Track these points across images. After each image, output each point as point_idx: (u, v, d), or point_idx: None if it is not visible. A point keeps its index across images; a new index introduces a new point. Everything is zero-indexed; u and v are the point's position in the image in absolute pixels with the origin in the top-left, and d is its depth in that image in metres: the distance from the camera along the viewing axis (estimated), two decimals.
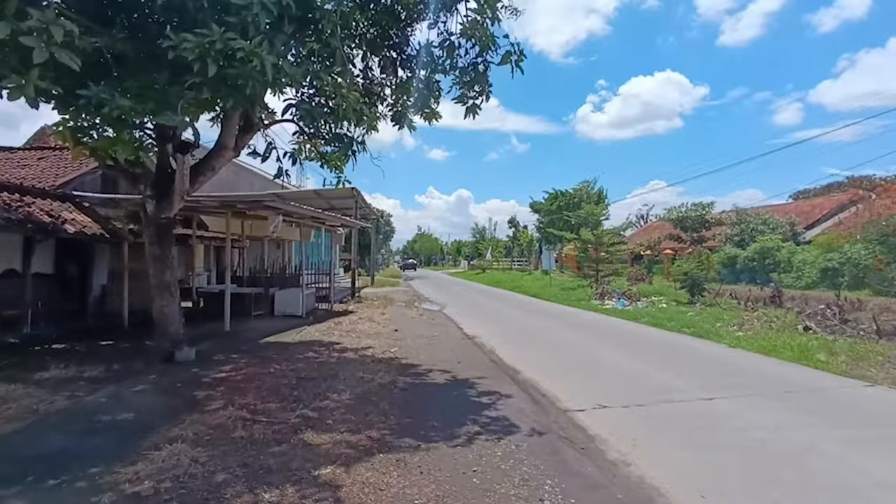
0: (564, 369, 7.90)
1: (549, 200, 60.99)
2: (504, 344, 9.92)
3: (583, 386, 6.73)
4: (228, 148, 7.57)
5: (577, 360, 8.57)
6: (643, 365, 7.97)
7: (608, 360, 8.52)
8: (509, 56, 6.38)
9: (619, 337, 10.87)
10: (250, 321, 12.14)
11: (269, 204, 9.88)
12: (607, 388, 6.61)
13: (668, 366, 7.81)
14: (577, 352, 9.33)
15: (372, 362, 7.74)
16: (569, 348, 9.71)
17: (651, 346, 9.78)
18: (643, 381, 6.91)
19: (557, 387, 6.58)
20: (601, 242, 22.70)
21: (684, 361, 8.21)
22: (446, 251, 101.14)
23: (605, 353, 9.06)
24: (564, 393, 6.30)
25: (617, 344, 9.96)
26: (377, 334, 10.76)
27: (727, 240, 33.21)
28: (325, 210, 13.51)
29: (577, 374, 7.53)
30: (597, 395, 6.14)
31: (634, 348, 9.47)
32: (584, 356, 8.93)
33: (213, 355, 7.99)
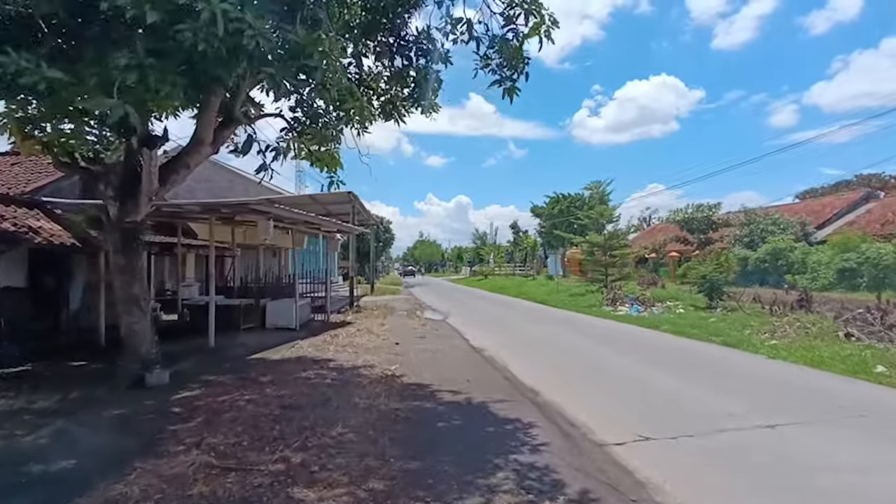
0: (588, 388, 6.96)
1: (550, 204, 60.16)
2: (516, 357, 8.99)
3: (614, 410, 5.80)
4: (205, 143, 6.68)
5: (600, 377, 7.62)
6: (677, 381, 7.03)
7: (636, 375, 7.58)
8: (538, 27, 5.48)
9: (642, 348, 9.93)
10: (239, 335, 11.20)
11: (256, 207, 8.99)
12: (643, 412, 5.67)
13: (705, 382, 6.88)
14: (597, 366, 8.39)
15: (370, 383, 6.81)
16: (588, 362, 8.77)
17: (680, 358, 8.84)
18: (683, 403, 5.98)
19: (586, 412, 5.64)
20: (610, 246, 21.78)
21: (723, 376, 7.28)
22: (447, 257, 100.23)
23: (631, 368, 8.11)
24: (595, 419, 5.36)
25: (641, 356, 9.02)
26: (376, 349, 9.83)
27: (736, 241, 32.32)
28: (321, 216, 12.62)
29: (604, 394, 6.59)
30: (634, 423, 5.21)
31: (662, 361, 8.54)
32: (607, 371, 7.99)
33: (191, 377, 7.05)
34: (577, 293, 21.56)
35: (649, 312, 15.07)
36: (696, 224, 35.59)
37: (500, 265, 49.66)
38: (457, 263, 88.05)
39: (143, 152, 5.95)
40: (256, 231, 21.32)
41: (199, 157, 6.87)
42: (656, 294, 17.49)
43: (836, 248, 24.16)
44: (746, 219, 33.21)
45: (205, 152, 6.84)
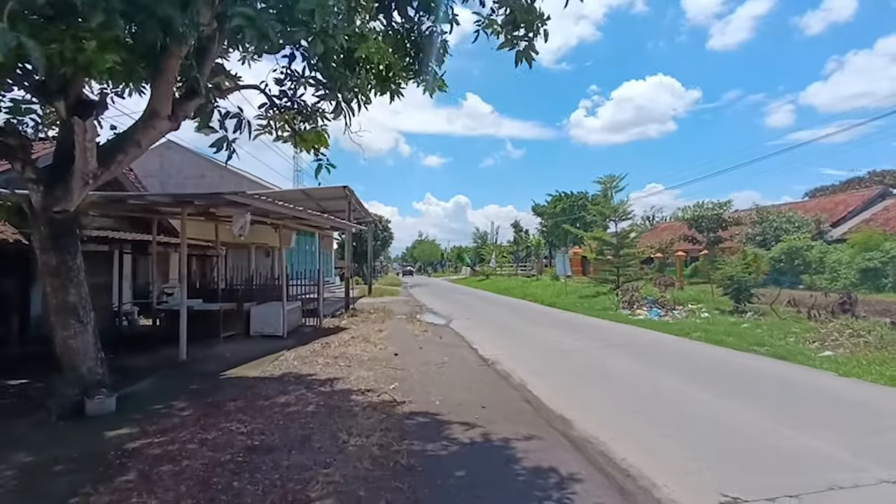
0: (629, 416, 5.69)
1: (552, 203, 58.96)
2: (534, 373, 7.72)
3: (675, 451, 4.52)
4: (161, 116, 5.39)
5: (640, 399, 6.35)
6: (741, 409, 5.76)
7: (686, 399, 6.31)
8: None
9: (678, 360, 8.66)
10: (217, 345, 9.92)
11: (234, 199, 7.69)
12: (717, 456, 4.39)
13: (778, 410, 5.60)
14: (631, 383, 7.11)
15: (363, 410, 5.53)
16: (618, 378, 7.49)
17: (730, 374, 7.57)
18: (764, 442, 4.70)
19: (639, 453, 4.38)
20: (623, 244, 20.51)
21: (795, 402, 6.00)
22: (446, 257, 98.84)
23: (675, 387, 6.84)
24: (656, 467, 4.10)
25: (681, 371, 7.75)
26: (373, 361, 8.56)
27: (748, 240, 31.16)
28: (314, 212, 11.32)
29: (653, 424, 5.31)
30: (709, 473, 3.95)
31: (708, 378, 7.27)
32: (645, 392, 6.71)
33: (144, 403, 5.77)
34: (586, 295, 20.29)
35: (671, 316, 13.82)
36: (705, 222, 34.45)
37: (502, 265, 48.34)
38: (456, 263, 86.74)
39: (75, 122, 4.65)
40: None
41: (153, 134, 5.58)
42: (677, 296, 16.18)
43: (856, 246, 23.02)
44: (758, 217, 32.04)
45: (161, 128, 5.55)
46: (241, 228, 8.41)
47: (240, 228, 8.40)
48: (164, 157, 25.13)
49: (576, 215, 54.87)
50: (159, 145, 26.99)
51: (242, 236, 8.59)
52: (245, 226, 8.41)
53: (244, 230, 8.43)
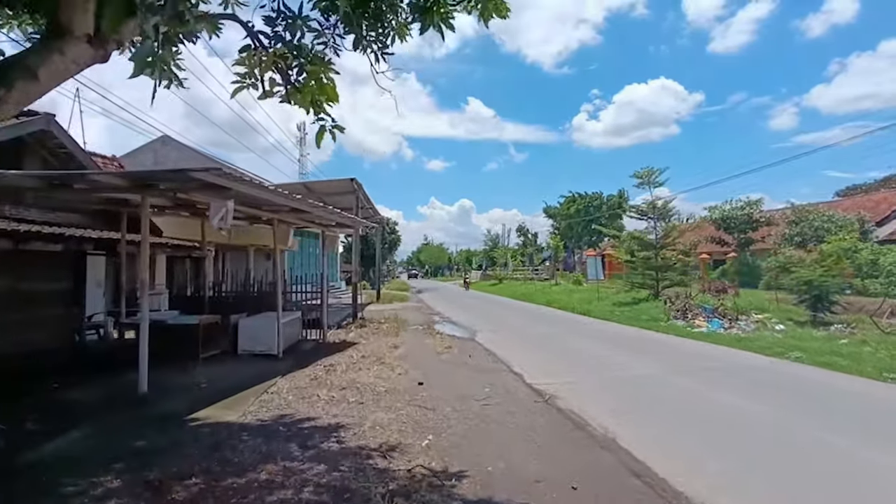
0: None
1: (565, 204, 56.81)
2: (615, 415, 5.63)
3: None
4: (72, 33, 3.35)
5: (820, 477, 4.24)
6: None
7: (855, 463, 4.20)
8: None
9: (798, 394, 6.54)
10: (194, 369, 7.90)
11: (204, 178, 5.64)
12: None
13: None
14: (779, 440, 5.00)
15: (389, 497, 3.47)
16: (751, 428, 5.35)
17: (885, 417, 5.46)
18: None
19: None
20: (665, 245, 18.35)
21: None
22: (454, 261, 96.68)
23: (831, 442, 4.73)
24: None
25: (812, 412, 5.63)
26: (391, 394, 6.50)
27: (784, 241, 28.93)
28: (315, 202, 9.26)
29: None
30: None
31: (863, 425, 5.16)
32: (790, 451, 4.60)
33: (53, 476, 3.74)
34: (623, 302, 18.13)
35: (738, 329, 11.67)
36: (734, 223, 32.32)
37: (516, 269, 46.16)
38: (465, 267, 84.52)
39: None
40: (244, 230, 18.04)
41: (60, 64, 3.53)
42: (737, 305, 13.94)
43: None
44: (795, 216, 29.78)
45: (73, 54, 3.48)
46: (222, 220, 6.38)
47: (219, 220, 6.37)
48: (159, 154, 23.23)
49: (591, 216, 52.79)
50: (154, 140, 25.09)
51: (224, 230, 6.56)
52: (226, 217, 6.38)
53: (225, 222, 6.40)
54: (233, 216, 6.41)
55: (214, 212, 6.31)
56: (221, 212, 6.29)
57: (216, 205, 6.32)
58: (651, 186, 19.18)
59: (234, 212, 6.63)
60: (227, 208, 6.33)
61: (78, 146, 10.88)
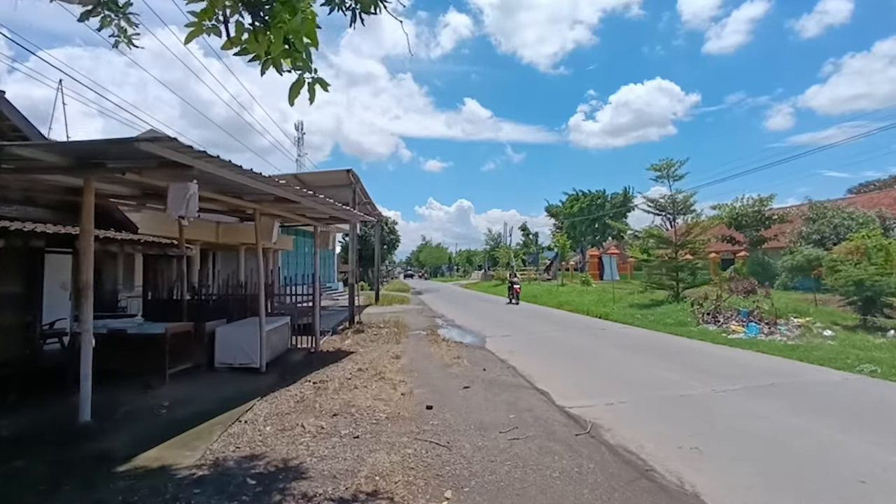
0: None
1: (568, 203, 55.46)
2: (684, 453, 4.37)
3: None
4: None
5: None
6: None
7: None
8: None
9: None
10: (157, 389, 6.63)
11: (151, 150, 4.35)
12: None
13: None
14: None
15: None
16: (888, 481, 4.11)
17: None
18: None
19: None
20: (686, 243, 17.08)
21: None
22: (454, 261, 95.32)
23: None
24: None
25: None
26: (394, 422, 5.24)
27: (801, 238, 27.73)
28: (306, 191, 7.88)
29: None
30: None
31: None
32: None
33: None
34: (641, 304, 16.86)
35: (783, 336, 10.39)
36: (745, 220, 31.11)
37: (519, 268, 44.83)
38: (466, 267, 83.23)
39: None
40: (237, 229, 16.72)
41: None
42: (775, 308, 12.60)
43: None
44: (812, 213, 28.56)
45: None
46: (184, 207, 5.10)
47: (181, 208, 5.09)
48: None
49: (595, 215, 51.48)
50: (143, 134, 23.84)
51: (186, 220, 5.26)
52: (188, 203, 5.09)
53: (187, 210, 5.11)
54: (197, 204, 5.13)
55: (173, 197, 5.03)
56: (182, 197, 5.01)
57: (175, 189, 5.05)
58: (670, 180, 17.93)
59: (199, 198, 5.36)
60: (189, 193, 5.05)
61: (36, 130, 9.58)
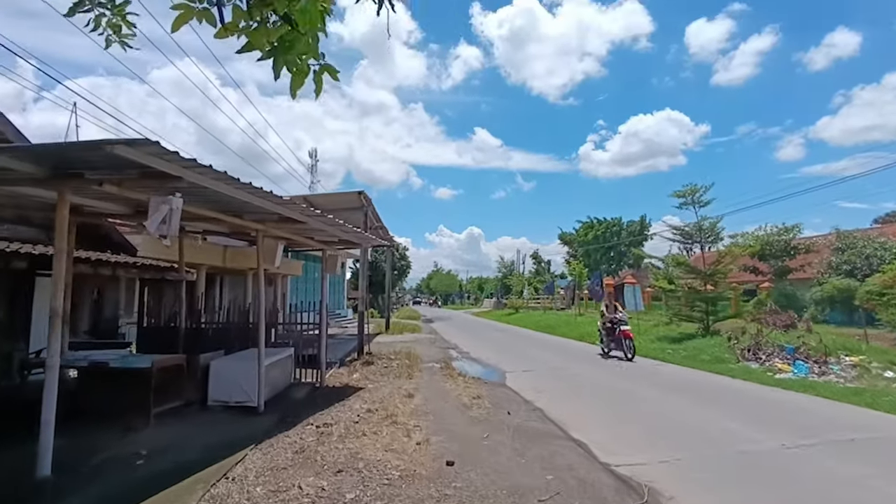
0: None
1: (583, 230, 54.65)
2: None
3: None
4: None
5: None
6: None
7: None
8: None
9: None
10: (142, 432, 5.81)
11: (125, 155, 3.65)
12: None
13: None
14: None
15: None
16: None
17: None
18: None
19: None
20: (717, 272, 16.10)
21: None
22: (465, 288, 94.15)
23: None
24: None
25: None
26: (408, 483, 4.35)
27: (830, 269, 26.54)
28: (313, 210, 7.15)
29: None
30: None
31: None
32: None
33: None
34: (666, 336, 15.78)
35: (838, 377, 9.33)
36: (769, 249, 29.95)
37: (532, 297, 43.71)
38: (477, 295, 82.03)
39: None
40: (246, 254, 16.10)
41: None
42: (825, 345, 11.42)
43: None
44: (841, 243, 27.42)
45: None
46: (164, 226, 4.39)
47: (160, 226, 4.38)
48: None
49: (610, 242, 50.51)
50: None
51: (166, 239, 4.53)
52: (170, 220, 4.38)
53: (169, 227, 4.39)
54: (179, 220, 4.41)
55: (153, 212, 4.32)
56: (162, 212, 4.30)
57: (156, 202, 4.34)
58: (695, 206, 17.08)
59: (197, 218, 4.67)
60: (172, 208, 4.33)
61: (27, 140, 9.09)
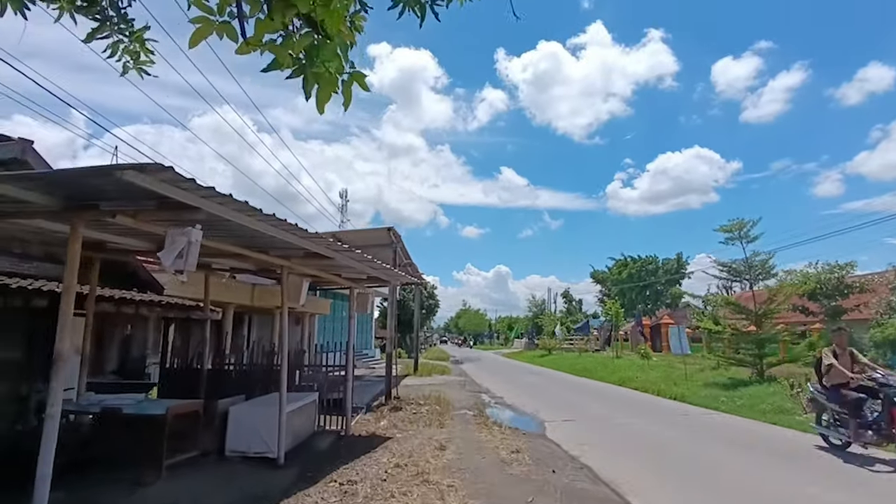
0: None
1: (616, 268, 53.19)
2: None
3: None
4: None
5: None
6: None
7: None
8: None
9: None
10: (152, 486, 5.31)
11: (133, 181, 3.32)
12: None
13: None
14: None
15: None
16: None
17: None
18: None
19: None
20: (769, 312, 14.95)
21: None
22: (494, 328, 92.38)
23: None
24: None
25: None
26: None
27: (891, 309, 24.64)
28: (341, 244, 6.78)
29: None
30: None
31: None
32: None
33: None
34: (716, 382, 14.54)
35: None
36: (821, 288, 28.15)
37: (566, 337, 42.21)
38: (507, 335, 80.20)
39: None
40: (271, 292, 15.89)
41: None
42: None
43: None
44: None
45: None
46: (181, 260, 4.02)
47: (177, 260, 4.01)
48: None
49: (646, 281, 48.85)
50: None
51: (183, 274, 4.15)
52: (188, 254, 4.02)
53: (186, 262, 4.02)
54: (198, 255, 4.04)
55: (169, 244, 3.97)
56: (179, 245, 3.94)
57: (173, 235, 3.99)
58: (743, 241, 16.09)
59: (220, 254, 4.32)
60: (190, 241, 3.97)
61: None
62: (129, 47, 4.39)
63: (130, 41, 4.37)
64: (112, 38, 4.27)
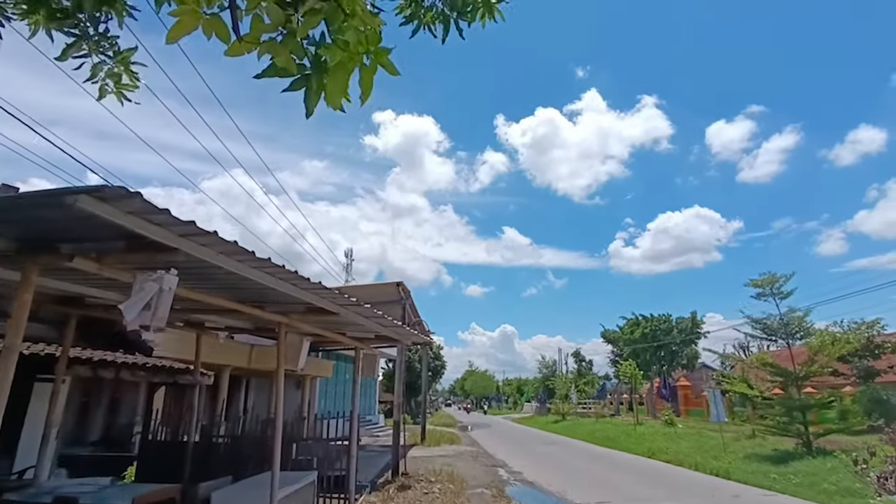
0: None
1: (628, 328, 51.39)
2: None
3: None
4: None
5: None
6: None
7: None
8: None
9: None
10: None
11: (91, 210, 2.63)
12: None
13: None
14: None
15: None
16: None
17: None
18: None
19: None
20: (811, 373, 13.70)
21: None
22: (502, 390, 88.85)
23: None
24: None
25: None
26: None
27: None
28: (347, 296, 6.02)
29: None
30: None
31: None
32: None
33: None
34: (758, 455, 13.07)
35: None
36: (852, 349, 26.71)
37: (581, 402, 40.03)
38: (516, 398, 76.87)
39: None
40: (267, 353, 14.88)
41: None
42: None
43: None
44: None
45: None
46: (147, 313, 3.21)
47: (143, 313, 3.20)
48: None
49: (661, 341, 46.95)
50: None
51: (149, 332, 3.31)
52: (156, 305, 3.21)
53: (154, 316, 3.21)
54: (169, 307, 3.23)
55: (136, 294, 3.17)
56: (147, 293, 3.14)
57: (140, 279, 3.21)
58: (776, 297, 15.11)
59: (209, 310, 3.52)
60: (162, 288, 3.18)
61: None
62: (113, 69, 3.84)
63: (114, 62, 3.83)
64: (92, 58, 3.73)
